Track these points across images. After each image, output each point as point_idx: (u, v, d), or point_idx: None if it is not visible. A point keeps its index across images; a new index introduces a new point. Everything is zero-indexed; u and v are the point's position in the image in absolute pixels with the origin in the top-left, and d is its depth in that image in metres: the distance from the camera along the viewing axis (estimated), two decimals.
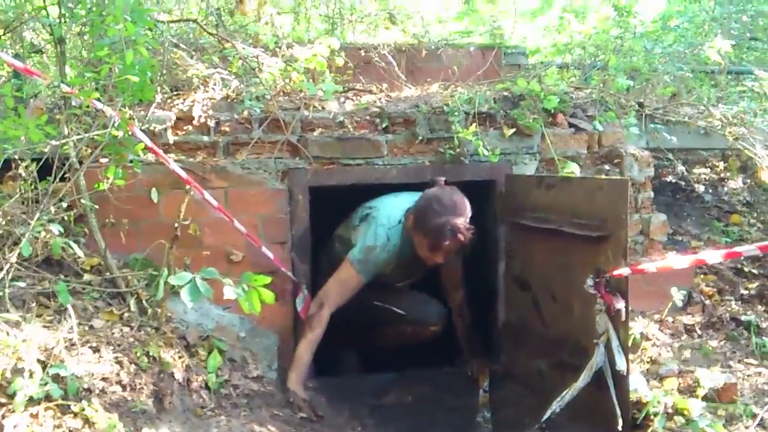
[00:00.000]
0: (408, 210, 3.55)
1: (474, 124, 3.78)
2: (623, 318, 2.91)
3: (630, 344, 3.09)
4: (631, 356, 3.08)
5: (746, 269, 4.30)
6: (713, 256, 2.81)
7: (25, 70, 3.02)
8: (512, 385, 3.64)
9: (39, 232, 2.84)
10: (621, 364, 2.88)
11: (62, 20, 3.16)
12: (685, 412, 2.85)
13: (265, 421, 2.97)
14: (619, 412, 2.88)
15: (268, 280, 2.64)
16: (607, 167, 3.97)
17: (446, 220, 3.30)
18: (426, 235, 3.39)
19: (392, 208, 3.62)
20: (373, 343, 4.00)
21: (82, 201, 3.12)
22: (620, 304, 2.89)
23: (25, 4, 3.54)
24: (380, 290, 3.76)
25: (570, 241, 3.21)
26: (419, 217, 3.42)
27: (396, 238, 3.53)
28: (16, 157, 2.98)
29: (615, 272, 2.90)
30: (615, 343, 2.91)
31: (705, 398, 2.96)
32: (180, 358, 2.96)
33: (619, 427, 2.86)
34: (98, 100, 2.92)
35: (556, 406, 2.96)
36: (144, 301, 3.14)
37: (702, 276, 4.21)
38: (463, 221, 3.34)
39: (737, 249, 2.65)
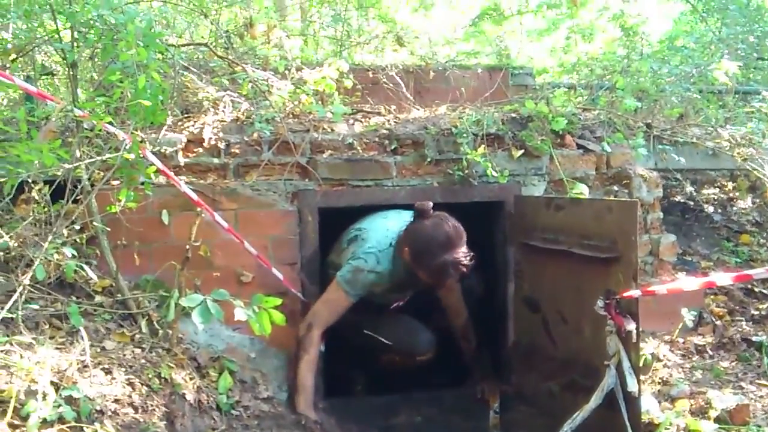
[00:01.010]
0: (399, 235, 3.50)
1: (482, 146, 3.80)
2: (634, 339, 2.91)
3: (641, 365, 3.07)
4: (642, 377, 3.07)
5: (757, 289, 4.28)
6: (723, 278, 2.81)
7: (38, 95, 3.06)
8: (523, 407, 3.64)
9: (52, 255, 2.86)
10: (632, 385, 2.87)
11: (74, 45, 3.19)
12: None
13: None
14: None
15: (278, 301, 2.65)
16: (615, 188, 3.98)
17: (446, 259, 3.26)
18: (430, 275, 3.36)
19: (382, 230, 3.59)
20: (373, 367, 4.01)
21: (94, 223, 3.15)
22: (631, 326, 2.89)
23: (37, 29, 3.58)
24: (371, 316, 3.74)
25: (580, 263, 3.21)
26: (418, 256, 3.36)
27: (386, 262, 3.49)
28: (30, 180, 3.00)
29: (625, 294, 2.90)
30: (626, 365, 2.90)
31: (717, 420, 2.94)
32: (191, 379, 2.97)
33: None
34: (110, 123, 2.95)
35: (567, 428, 2.95)
36: (155, 323, 3.16)
37: (712, 296, 4.19)
38: (461, 252, 3.29)
39: (748, 272, 2.65)
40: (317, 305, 3.51)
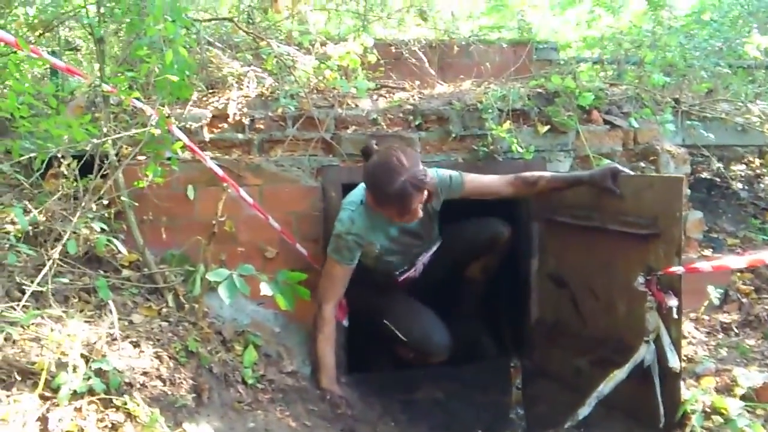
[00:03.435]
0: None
1: (508, 122, 3.78)
2: (675, 315, 2.88)
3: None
4: None
5: None
6: None
7: (67, 70, 3.06)
8: (545, 382, 3.64)
9: (80, 229, 2.88)
10: (674, 362, 2.86)
11: (100, 20, 3.20)
12: (723, 412, 2.82)
13: (300, 415, 3.00)
14: (662, 411, 2.87)
15: (303, 276, 2.66)
16: (642, 164, 3.94)
17: (401, 182, 3.11)
18: (392, 205, 3.21)
19: (356, 191, 3.47)
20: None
21: (122, 198, 3.17)
22: (673, 302, 2.86)
23: (65, 4, 3.58)
24: (390, 299, 3.72)
25: (614, 239, 3.18)
26: (375, 192, 3.23)
27: (362, 220, 3.37)
28: (59, 155, 3.02)
29: (668, 270, 2.87)
30: (666, 341, 2.88)
31: (743, 398, 2.92)
32: (217, 353, 2.99)
33: (661, 425, 2.85)
34: (137, 99, 2.96)
35: (593, 398, 2.95)
36: (181, 297, 3.18)
37: (739, 274, 4.16)
38: (415, 171, 3.14)
39: None
40: (320, 283, 3.45)
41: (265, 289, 2.60)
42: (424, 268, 3.81)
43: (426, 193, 3.21)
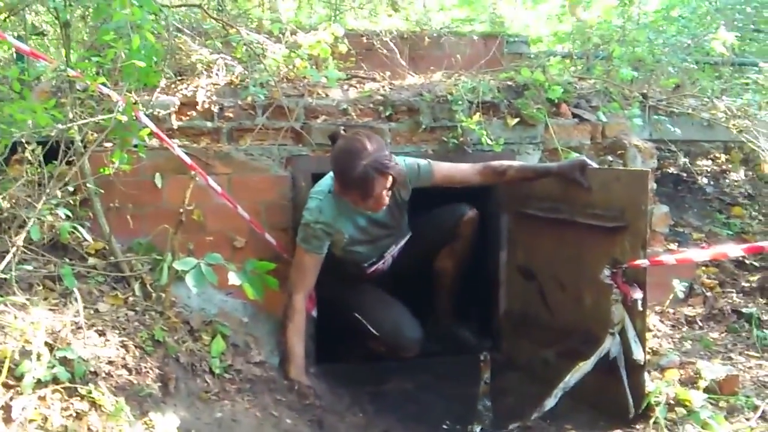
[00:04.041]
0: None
1: (478, 114, 3.78)
2: (640, 308, 2.92)
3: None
4: None
5: (747, 261, 4.31)
6: (734, 250, 2.79)
7: (31, 54, 3.01)
8: (514, 374, 3.66)
9: (45, 216, 2.84)
10: (638, 354, 2.89)
11: (66, 3, 3.14)
12: (687, 404, 2.86)
13: (268, 405, 2.98)
14: (631, 402, 2.91)
15: (272, 266, 2.65)
16: (610, 158, 3.97)
17: (364, 165, 3.10)
18: (355, 189, 3.19)
19: (324, 180, 3.46)
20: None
21: (87, 185, 3.13)
22: (637, 295, 2.89)
23: None
24: (360, 292, 3.72)
25: (581, 232, 3.20)
26: (339, 178, 3.24)
27: (329, 208, 3.35)
28: (23, 140, 2.97)
29: (634, 263, 2.90)
30: (631, 333, 2.92)
31: (706, 390, 2.96)
32: (184, 342, 2.97)
33: (631, 416, 2.89)
34: (104, 84, 2.92)
35: (560, 390, 2.98)
36: (148, 286, 3.15)
37: (704, 268, 4.22)
38: (378, 155, 3.13)
39: (762, 244, 2.64)
40: (291, 272, 3.44)
41: (234, 278, 2.59)
42: (393, 260, 3.80)
43: (390, 179, 3.19)
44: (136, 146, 3.15)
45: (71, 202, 3.14)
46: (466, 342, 4.04)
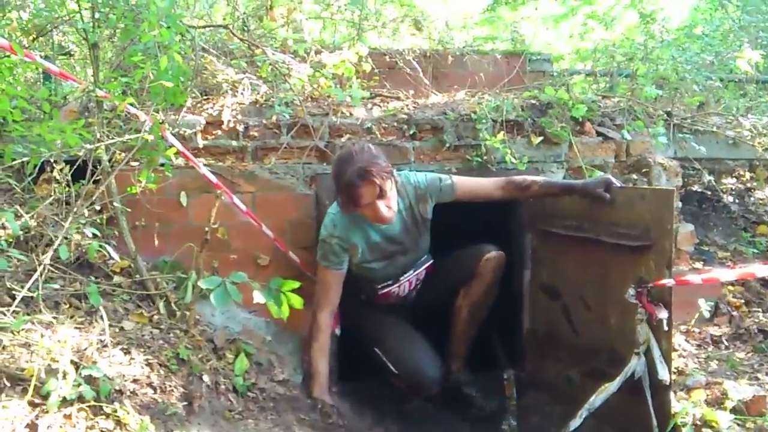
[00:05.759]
0: None
1: (501, 132, 3.78)
2: (666, 328, 2.88)
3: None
4: None
5: None
6: (763, 270, 2.76)
7: (60, 74, 3.05)
8: (538, 393, 3.63)
9: (72, 235, 2.87)
10: (664, 374, 2.86)
11: (95, 25, 3.19)
12: (714, 425, 2.82)
13: (291, 424, 2.98)
14: (655, 423, 2.87)
15: (296, 284, 2.65)
16: (635, 176, 3.95)
17: (349, 172, 3.08)
18: (343, 195, 3.18)
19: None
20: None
21: (114, 204, 3.16)
22: (663, 314, 2.86)
23: (60, 9, 3.57)
24: (383, 330, 3.63)
25: (606, 250, 3.18)
26: (336, 186, 3.22)
27: (342, 222, 3.35)
28: (51, 160, 3.01)
29: (659, 283, 2.88)
30: (657, 353, 2.88)
31: (733, 411, 2.92)
32: (208, 360, 2.98)
33: None
34: (131, 104, 2.95)
35: (585, 410, 2.94)
36: (173, 304, 3.17)
37: (729, 287, 4.17)
38: (366, 163, 3.08)
39: None
40: (315, 291, 3.43)
41: (258, 296, 2.59)
42: (417, 293, 3.75)
43: (378, 188, 3.11)
44: (162, 165, 3.18)
45: (98, 220, 3.18)
46: (473, 403, 3.88)
